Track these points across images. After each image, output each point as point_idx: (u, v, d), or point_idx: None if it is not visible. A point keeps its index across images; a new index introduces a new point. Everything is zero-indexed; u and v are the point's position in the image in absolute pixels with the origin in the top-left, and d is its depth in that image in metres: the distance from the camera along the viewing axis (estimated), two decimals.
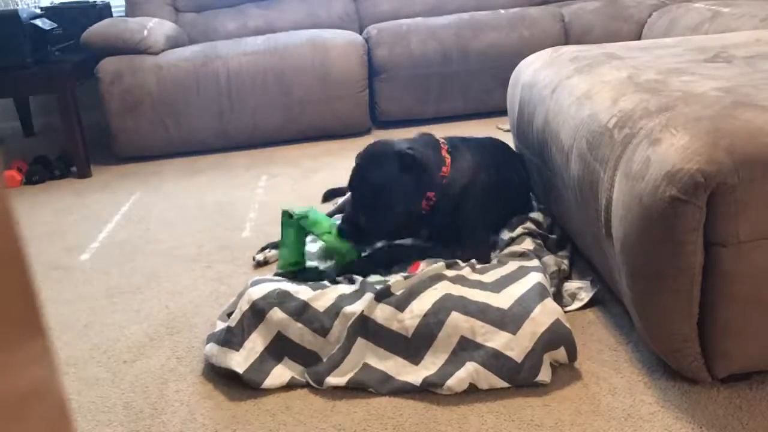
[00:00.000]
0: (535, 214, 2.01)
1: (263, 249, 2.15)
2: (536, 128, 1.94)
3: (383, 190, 1.75)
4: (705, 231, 1.21)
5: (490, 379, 1.40)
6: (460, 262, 1.74)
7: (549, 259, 1.78)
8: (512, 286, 1.55)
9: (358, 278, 1.67)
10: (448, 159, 1.83)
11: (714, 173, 1.17)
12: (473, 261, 1.75)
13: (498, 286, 1.56)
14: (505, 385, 1.40)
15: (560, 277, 1.74)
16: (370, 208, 1.76)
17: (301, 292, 1.58)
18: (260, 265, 2.11)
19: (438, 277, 1.59)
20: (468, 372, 1.41)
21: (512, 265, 1.68)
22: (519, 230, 1.91)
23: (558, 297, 1.66)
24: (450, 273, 1.64)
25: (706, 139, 1.21)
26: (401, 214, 1.78)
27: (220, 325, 1.62)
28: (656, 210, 1.22)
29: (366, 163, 1.79)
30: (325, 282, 1.70)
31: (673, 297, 1.26)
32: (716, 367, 1.32)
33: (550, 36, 3.58)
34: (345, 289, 1.61)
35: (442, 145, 1.86)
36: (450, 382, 1.40)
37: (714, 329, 1.27)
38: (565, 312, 1.66)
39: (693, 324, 1.28)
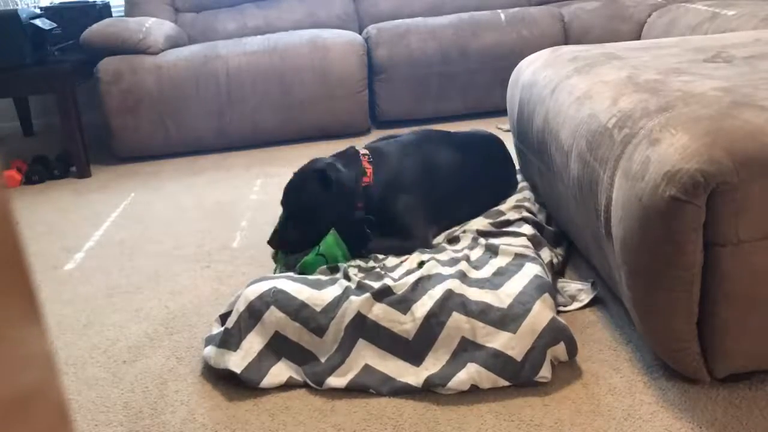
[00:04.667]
0: (530, 205, 2.03)
1: None
2: (536, 128, 1.94)
3: (308, 207, 1.90)
4: (705, 231, 1.21)
5: (491, 379, 1.40)
6: (456, 255, 1.74)
7: (544, 251, 1.80)
8: (511, 281, 1.55)
9: (354, 277, 1.66)
10: (369, 169, 1.95)
11: (713, 173, 1.17)
12: (468, 254, 1.75)
13: (497, 282, 1.56)
14: (507, 383, 1.40)
15: (553, 272, 1.75)
16: (300, 222, 1.91)
17: (299, 291, 1.58)
18: None
19: (437, 276, 1.59)
20: (469, 373, 1.41)
21: (507, 257, 1.68)
22: (515, 214, 1.94)
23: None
24: (448, 270, 1.64)
25: (706, 139, 1.21)
26: (332, 225, 1.89)
27: (216, 328, 1.62)
28: (656, 210, 1.22)
29: (292, 184, 1.96)
30: (320, 277, 1.69)
31: (673, 297, 1.26)
32: (716, 367, 1.32)
33: (550, 36, 3.58)
34: (341, 287, 1.60)
35: (362, 157, 1.98)
36: (451, 383, 1.40)
37: (714, 329, 1.27)
38: (565, 312, 1.66)
39: (693, 324, 1.28)
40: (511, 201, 2.09)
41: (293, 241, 1.91)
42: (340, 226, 1.89)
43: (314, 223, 1.90)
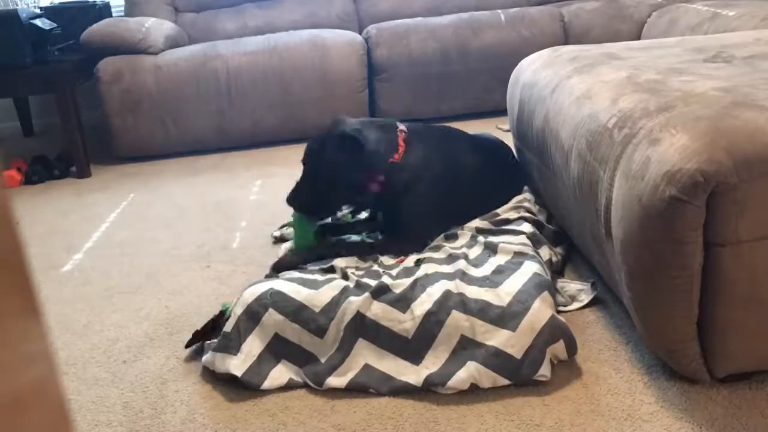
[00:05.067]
0: (529, 205, 2.03)
1: (282, 227, 2.30)
2: (536, 128, 1.94)
3: (325, 168, 1.84)
4: (705, 231, 1.21)
5: (491, 378, 1.41)
6: (455, 253, 1.74)
7: (544, 249, 1.80)
8: (510, 279, 1.55)
9: (353, 277, 1.66)
10: (402, 147, 1.89)
11: (713, 173, 1.17)
12: (466, 252, 1.75)
13: (496, 280, 1.56)
14: (507, 382, 1.40)
15: (552, 270, 1.75)
16: (316, 183, 1.87)
17: (296, 291, 1.57)
18: (278, 241, 2.25)
19: (436, 275, 1.59)
20: (469, 372, 1.41)
21: (506, 255, 1.68)
22: (514, 214, 1.94)
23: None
24: (447, 268, 1.64)
25: (706, 139, 1.21)
26: (346, 190, 1.86)
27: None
28: (656, 210, 1.22)
29: (313, 141, 1.90)
30: (317, 277, 1.68)
31: (672, 297, 1.26)
32: (716, 367, 1.32)
33: (550, 36, 3.58)
34: (339, 286, 1.60)
35: (399, 132, 1.92)
36: (451, 382, 1.40)
37: (714, 329, 1.27)
38: (564, 312, 1.66)
39: (693, 324, 1.28)
40: (510, 202, 2.09)
41: (303, 203, 1.89)
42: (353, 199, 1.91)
43: (329, 187, 1.86)
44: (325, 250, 1.88)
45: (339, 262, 1.78)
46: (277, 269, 1.83)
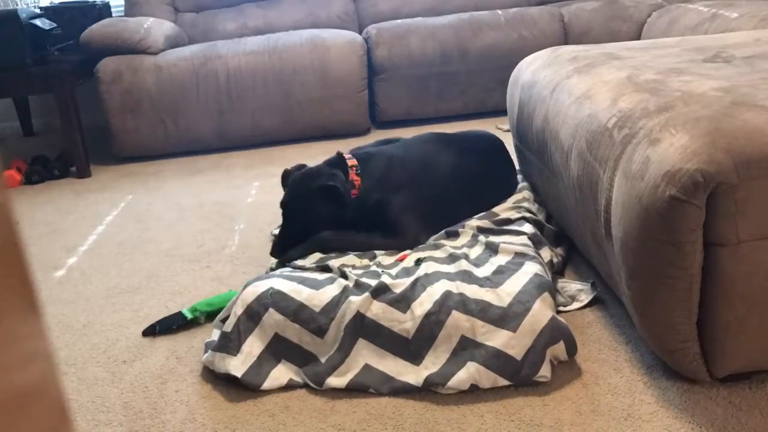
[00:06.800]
0: (529, 205, 2.03)
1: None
2: (536, 128, 1.94)
3: (309, 220, 1.92)
4: (704, 231, 1.21)
5: (491, 378, 1.41)
6: (455, 252, 1.74)
7: (544, 250, 1.80)
8: (511, 279, 1.55)
9: (352, 276, 1.66)
10: (357, 181, 1.96)
11: (713, 173, 1.17)
12: (467, 252, 1.75)
13: (496, 280, 1.56)
14: (507, 383, 1.40)
15: (553, 271, 1.75)
16: (298, 232, 1.92)
17: (296, 291, 1.57)
18: None
19: (436, 274, 1.59)
20: (469, 372, 1.41)
21: (507, 255, 1.68)
22: (514, 214, 1.94)
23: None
24: (447, 268, 1.64)
25: (706, 139, 1.21)
26: (323, 226, 1.94)
27: (216, 333, 1.61)
28: (656, 210, 1.22)
29: (293, 197, 1.94)
30: (317, 276, 1.68)
31: (672, 297, 1.26)
32: (716, 367, 1.32)
33: (550, 36, 3.58)
34: (340, 286, 1.59)
35: (350, 169, 1.97)
36: (451, 382, 1.40)
37: (714, 329, 1.27)
38: (564, 312, 1.66)
39: (693, 324, 1.28)
40: (509, 202, 2.09)
41: (291, 254, 1.93)
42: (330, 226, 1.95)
43: (312, 229, 1.92)
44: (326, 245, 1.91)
45: (335, 262, 1.78)
46: (283, 262, 1.87)
